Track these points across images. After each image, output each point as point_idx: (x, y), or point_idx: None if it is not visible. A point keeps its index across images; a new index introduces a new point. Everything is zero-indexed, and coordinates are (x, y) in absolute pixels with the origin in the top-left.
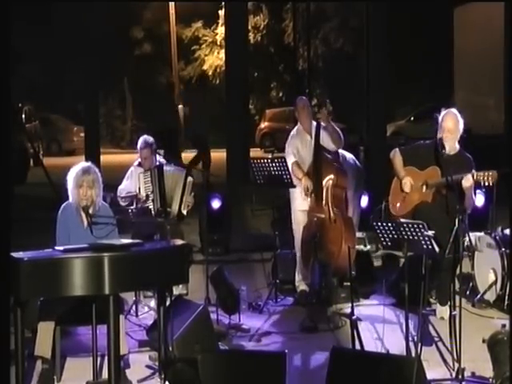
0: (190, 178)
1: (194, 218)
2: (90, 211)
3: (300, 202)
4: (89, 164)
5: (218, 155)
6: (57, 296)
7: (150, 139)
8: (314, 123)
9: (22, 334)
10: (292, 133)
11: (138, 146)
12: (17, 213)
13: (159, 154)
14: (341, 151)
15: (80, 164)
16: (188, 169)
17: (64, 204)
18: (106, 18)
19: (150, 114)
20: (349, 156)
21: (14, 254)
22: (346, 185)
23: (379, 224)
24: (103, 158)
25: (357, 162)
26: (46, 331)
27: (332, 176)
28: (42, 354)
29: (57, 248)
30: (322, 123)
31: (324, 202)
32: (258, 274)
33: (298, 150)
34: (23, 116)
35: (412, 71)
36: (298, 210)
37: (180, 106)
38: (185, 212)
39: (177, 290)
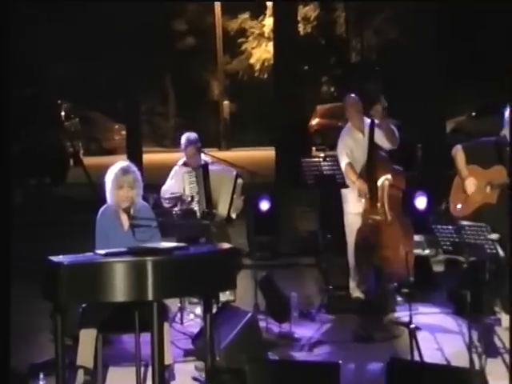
0: (240, 180)
1: (240, 220)
2: (131, 212)
3: (353, 205)
4: (127, 163)
5: (266, 154)
6: (98, 302)
7: (194, 136)
8: (368, 120)
9: (63, 343)
10: (343, 132)
11: (182, 146)
12: (55, 215)
13: (204, 153)
14: None
15: (118, 164)
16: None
17: (102, 208)
18: (146, 10)
19: (193, 110)
20: None
21: (53, 258)
22: (403, 185)
23: (439, 227)
24: (145, 157)
25: None
26: (87, 339)
27: (388, 176)
28: (83, 363)
29: (98, 252)
30: (376, 120)
31: (379, 203)
32: (309, 279)
33: (351, 150)
34: (62, 113)
35: (474, 65)
36: (351, 213)
37: (225, 102)
38: (234, 216)
39: (224, 296)
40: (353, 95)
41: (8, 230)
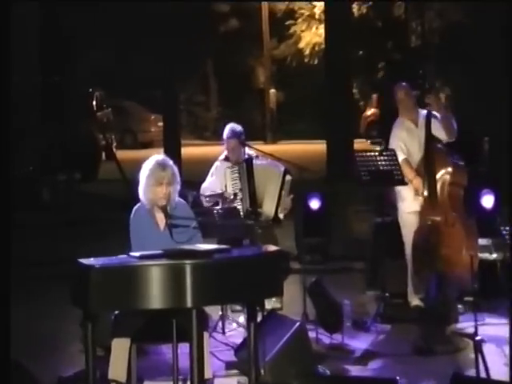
0: (288, 177)
1: (288, 220)
2: (168, 211)
3: (409, 203)
4: (163, 156)
5: (317, 148)
6: (132, 309)
7: (238, 128)
8: (424, 111)
9: (94, 353)
10: (395, 124)
11: (224, 137)
12: (86, 213)
13: (248, 146)
14: None
15: (152, 158)
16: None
17: (136, 207)
18: None
19: (237, 99)
20: None
21: (84, 261)
22: (465, 181)
23: (508, 229)
24: (184, 151)
25: None
26: (120, 350)
27: (448, 171)
28: (116, 377)
29: (132, 254)
30: (434, 111)
31: (439, 202)
32: (363, 285)
33: (405, 144)
34: (94, 103)
35: None
36: (408, 212)
37: (272, 91)
38: (282, 216)
39: (269, 303)
40: (403, 83)
41: (8, 231)
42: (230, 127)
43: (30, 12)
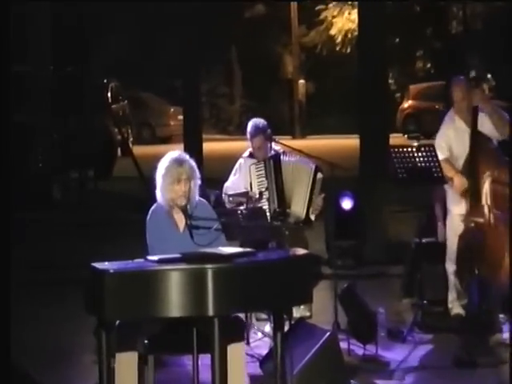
0: (319, 175)
1: (318, 221)
2: (188, 210)
3: (458, 204)
4: (178, 152)
5: (349, 143)
6: (149, 317)
7: (262, 123)
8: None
9: (108, 365)
10: (445, 120)
11: (248, 135)
12: (100, 213)
13: (275, 141)
14: None
15: (167, 156)
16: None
17: (153, 207)
18: None
19: (263, 91)
20: None
21: (98, 265)
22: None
23: None
24: (206, 147)
25: None
26: (126, 367)
27: (493, 169)
28: None
29: (149, 258)
30: (481, 105)
31: (482, 202)
32: (399, 292)
33: (450, 144)
34: (109, 95)
35: None
36: (456, 214)
37: (301, 81)
38: (313, 217)
39: (298, 311)
40: (461, 77)
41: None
42: (253, 123)
43: (43, 1)
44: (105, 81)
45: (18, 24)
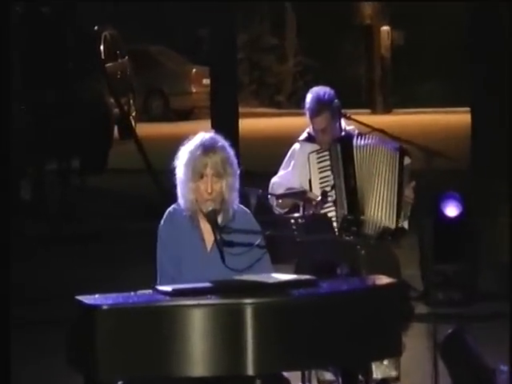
0: (407, 160)
1: (410, 234)
2: (219, 220)
3: None
4: (211, 134)
5: (456, 120)
6: (161, 377)
7: (327, 93)
8: None
9: None
10: None
11: (307, 112)
12: (90, 222)
13: (346, 117)
14: None
15: (196, 138)
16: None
17: (170, 209)
18: None
19: (328, 44)
20: None
21: (84, 299)
22: None
23: None
24: (244, 125)
25: None
26: None
27: None
28: None
29: (160, 288)
30: None
31: None
32: None
33: None
34: (102, 48)
35: None
36: None
37: (384, 29)
38: (406, 224)
39: (379, 369)
40: None
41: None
42: (315, 94)
43: None
44: (96, 28)
45: None
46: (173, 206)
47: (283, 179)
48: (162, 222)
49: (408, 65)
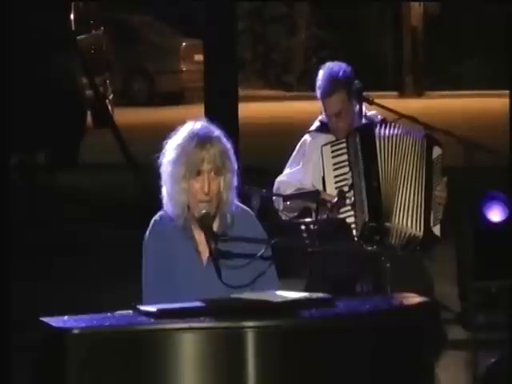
0: (437, 150)
1: (445, 243)
2: (215, 227)
3: None
4: (204, 124)
5: (500, 105)
6: None
7: (343, 69)
8: None
9: None
10: None
11: (319, 91)
12: (58, 229)
13: (369, 101)
14: None
15: (186, 127)
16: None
17: (156, 217)
18: None
19: (346, 14)
20: None
21: (52, 321)
22: None
23: None
24: (245, 110)
25: None
26: None
27: None
28: None
29: (143, 308)
30: None
31: None
32: None
33: None
34: (72, 17)
35: None
36: None
37: None
38: (437, 230)
39: None
40: None
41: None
42: (327, 71)
43: None
44: None
45: None
46: (159, 214)
47: (291, 178)
48: (148, 233)
49: (444, 39)
